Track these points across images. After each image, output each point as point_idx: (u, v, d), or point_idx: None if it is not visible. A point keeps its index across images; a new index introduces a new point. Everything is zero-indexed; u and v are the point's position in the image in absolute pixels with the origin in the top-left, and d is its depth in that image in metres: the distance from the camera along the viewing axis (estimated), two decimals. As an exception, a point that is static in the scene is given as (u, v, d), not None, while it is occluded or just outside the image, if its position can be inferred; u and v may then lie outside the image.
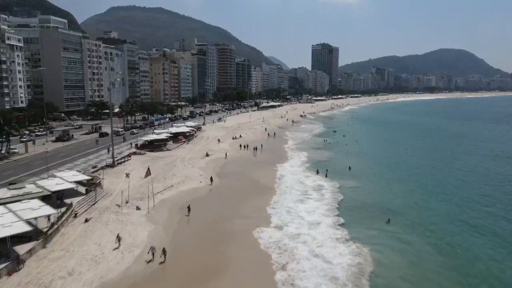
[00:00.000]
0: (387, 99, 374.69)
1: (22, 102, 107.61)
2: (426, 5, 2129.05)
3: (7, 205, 31.19)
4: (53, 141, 77.12)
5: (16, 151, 64.46)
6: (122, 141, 79.02)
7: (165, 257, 28.08)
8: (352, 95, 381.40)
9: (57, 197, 37.23)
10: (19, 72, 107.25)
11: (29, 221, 29.11)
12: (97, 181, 44.66)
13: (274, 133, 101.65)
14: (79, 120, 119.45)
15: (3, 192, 36.22)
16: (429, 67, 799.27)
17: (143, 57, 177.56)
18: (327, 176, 55.53)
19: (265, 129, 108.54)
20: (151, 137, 76.07)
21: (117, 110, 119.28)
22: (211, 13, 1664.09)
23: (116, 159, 58.26)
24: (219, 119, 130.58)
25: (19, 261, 26.09)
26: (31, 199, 32.80)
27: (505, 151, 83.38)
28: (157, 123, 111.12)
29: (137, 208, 38.76)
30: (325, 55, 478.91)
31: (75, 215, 35.38)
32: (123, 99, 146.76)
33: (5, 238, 26.56)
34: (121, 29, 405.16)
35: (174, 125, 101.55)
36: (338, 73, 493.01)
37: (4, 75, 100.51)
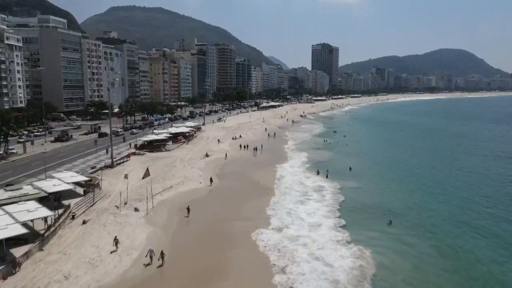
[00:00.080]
0: (387, 99, 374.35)
1: (21, 102, 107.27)
2: (426, 5, 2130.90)
3: (4, 207, 30.82)
4: (52, 142, 76.70)
5: (14, 151, 64.08)
6: (122, 141, 78.64)
7: (163, 260, 27.66)
8: (352, 95, 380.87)
9: (55, 198, 36.74)
10: (18, 72, 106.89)
11: (25, 223, 28.72)
12: (96, 182, 44.22)
13: (274, 133, 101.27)
14: (78, 120, 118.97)
15: None
16: (429, 67, 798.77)
17: (143, 57, 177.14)
18: (327, 177, 55.11)
19: (265, 129, 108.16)
20: (150, 137, 75.69)
21: (116, 110, 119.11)
22: (211, 13, 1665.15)
23: (115, 159, 57.88)
24: (219, 119, 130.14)
25: (15, 264, 25.66)
26: (28, 200, 32.42)
27: (505, 151, 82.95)
28: (156, 123, 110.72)
29: (136, 209, 38.33)
30: (325, 55, 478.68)
31: (73, 217, 34.95)
32: (123, 99, 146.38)
33: (0, 240, 26.17)
34: (121, 29, 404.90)
35: (173, 125, 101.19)
36: (338, 73, 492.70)
37: (3, 75, 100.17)
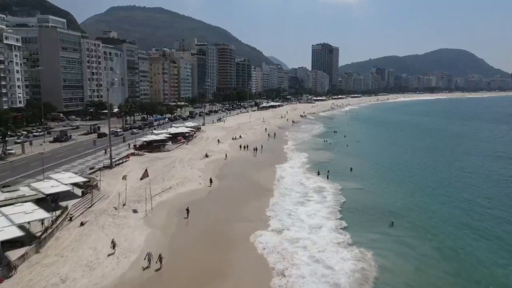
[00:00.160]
0: (387, 99, 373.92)
1: (20, 102, 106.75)
2: (426, 5, 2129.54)
3: (0, 209, 30.33)
4: (51, 142, 76.22)
5: (12, 152, 63.57)
6: (121, 142, 78.19)
7: (161, 263, 27.17)
8: (352, 95, 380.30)
9: (52, 199, 36.29)
10: (17, 72, 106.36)
11: (22, 226, 28.29)
12: (94, 183, 43.77)
13: (274, 134, 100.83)
14: (77, 120, 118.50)
15: (-4, 194, 35.32)
16: (429, 67, 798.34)
17: (142, 57, 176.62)
18: (328, 177, 54.64)
19: (265, 130, 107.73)
20: (150, 137, 75.20)
21: (116, 110, 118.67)
22: (211, 13, 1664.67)
23: (114, 160, 57.46)
24: (219, 119, 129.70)
25: (11, 267, 25.22)
26: (24, 202, 31.96)
27: (506, 152, 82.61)
28: (156, 123, 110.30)
29: (134, 211, 37.91)
30: (325, 55, 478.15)
31: (71, 219, 34.49)
32: (123, 99, 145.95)
33: (-4, 243, 25.75)
34: (121, 29, 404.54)
35: (173, 125, 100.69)
36: (338, 73, 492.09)
37: (2, 75, 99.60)
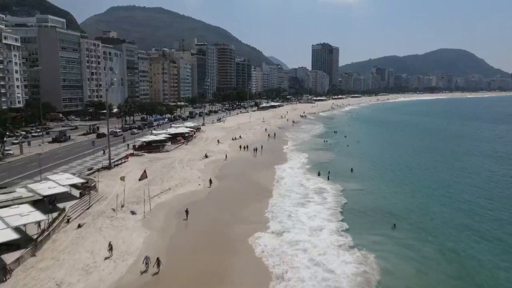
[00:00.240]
0: (387, 99, 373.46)
1: (19, 102, 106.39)
2: (426, 5, 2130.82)
3: (-5, 211, 29.83)
4: (50, 142, 75.78)
5: (11, 152, 63.04)
6: (121, 142, 77.70)
7: (158, 267, 26.55)
8: (352, 95, 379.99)
9: (49, 201, 35.75)
10: (16, 72, 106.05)
11: (17, 228, 27.78)
12: (92, 184, 43.27)
13: (274, 134, 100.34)
14: (77, 120, 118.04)
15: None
16: (429, 67, 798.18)
17: (142, 57, 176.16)
18: (329, 178, 54.09)
19: (265, 130, 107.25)
20: (149, 138, 74.71)
21: (115, 110, 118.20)
22: (211, 13, 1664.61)
23: (112, 160, 56.96)
24: (219, 120, 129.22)
25: (6, 271, 24.69)
26: (21, 204, 31.43)
27: (507, 152, 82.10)
28: (156, 123, 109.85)
29: (133, 212, 37.40)
30: (325, 55, 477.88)
31: (68, 221, 33.97)
32: (122, 99, 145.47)
33: (-9, 246, 25.27)
34: (121, 29, 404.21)
35: (172, 125, 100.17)
36: (338, 73, 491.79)
37: (1, 75, 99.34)
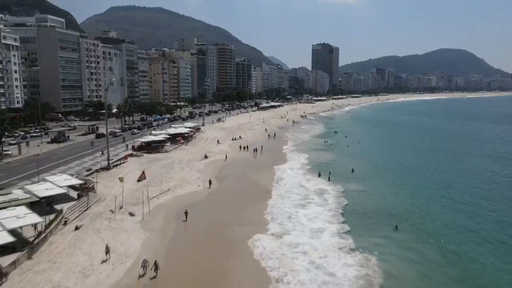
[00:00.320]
0: (387, 99, 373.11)
1: (18, 102, 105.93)
2: (426, 5, 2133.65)
3: (-9, 213, 29.37)
4: (48, 142, 75.37)
5: (9, 153, 62.58)
6: (121, 142, 77.23)
7: (156, 271, 26.00)
8: (352, 95, 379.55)
9: (47, 203, 35.30)
10: (15, 72, 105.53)
11: (14, 230, 27.33)
12: (90, 185, 42.80)
13: (274, 134, 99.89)
14: (76, 120, 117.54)
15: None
16: (429, 67, 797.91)
17: (142, 57, 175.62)
18: (329, 179, 53.62)
19: (265, 130, 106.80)
20: (148, 138, 74.25)
21: (115, 110, 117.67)
22: (211, 13, 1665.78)
23: (111, 161, 56.50)
24: (219, 120, 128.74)
25: (2, 274, 24.25)
26: (17, 206, 30.97)
27: (508, 153, 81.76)
28: (155, 123, 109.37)
29: (131, 214, 36.91)
30: (325, 55, 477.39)
31: (65, 222, 33.50)
32: (122, 99, 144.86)
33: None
34: (121, 29, 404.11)
35: (172, 125, 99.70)
36: (338, 73, 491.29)
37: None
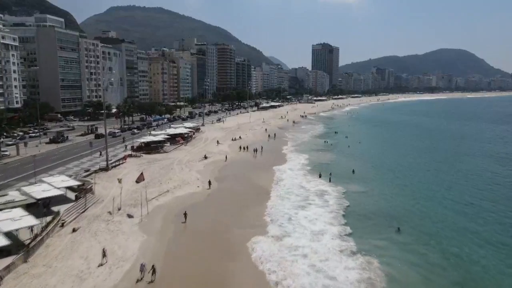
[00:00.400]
0: (387, 99, 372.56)
1: (17, 102, 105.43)
2: (426, 5, 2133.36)
3: (-13, 215, 28.84)
4: (47, 143, 74.82)
5: (7, 153, 62.06)
6: (120, 143, 76.67)
7: (153, 275, 25.44)
8: (352, 95, 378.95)
9: (44, 204, 34.78)
10: (14, 72, 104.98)
11: (9, 233, 26.82)
12: (88, 186, 42.29)
13: (274, 134, 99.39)
14: (75, 120, 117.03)
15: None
16: (429, 67, 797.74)
17: (141, 57, 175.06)
18: (330, 180, 53.08)
19: (265, 130, 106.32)
20: (147, 138, 73.70)
21: (114, 110, 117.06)
22: (211, 13, 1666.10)
23: (110, 162, 55.96)
24: (219, 120, 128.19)
25: (-4, 278, 23.79)
26: (13, 208, 30.44)
27: (508, 153, 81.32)
28: (155, 123, 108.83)
29: (129, 216, 36.40)
30: (325, 55, 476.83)
31: (62, 224, 33.00)
32: (121, 99, 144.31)
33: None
34: (121, 29, 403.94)
35: (172, 126, 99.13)
36: (338, 73, 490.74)
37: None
